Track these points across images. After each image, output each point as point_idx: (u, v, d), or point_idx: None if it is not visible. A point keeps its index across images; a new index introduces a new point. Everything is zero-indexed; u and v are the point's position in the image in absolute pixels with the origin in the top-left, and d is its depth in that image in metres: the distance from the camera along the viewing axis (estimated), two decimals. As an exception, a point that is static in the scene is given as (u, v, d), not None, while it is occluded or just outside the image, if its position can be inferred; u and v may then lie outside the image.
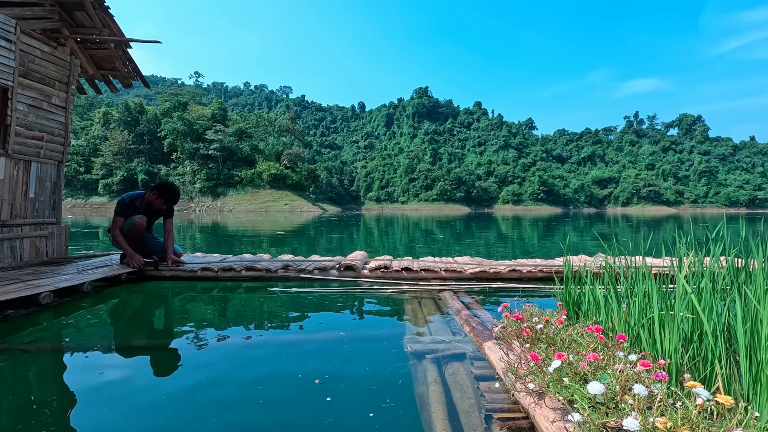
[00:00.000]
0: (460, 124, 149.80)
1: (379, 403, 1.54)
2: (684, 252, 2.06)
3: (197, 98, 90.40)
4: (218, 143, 68.51)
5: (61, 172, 4.71)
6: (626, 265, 2.15)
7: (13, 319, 2.62)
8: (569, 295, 2.19)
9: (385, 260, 4.33)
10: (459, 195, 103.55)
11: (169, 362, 2.00)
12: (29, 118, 4.23)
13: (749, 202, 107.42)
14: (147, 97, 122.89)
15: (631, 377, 1.18)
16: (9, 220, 4.04)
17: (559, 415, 1.20)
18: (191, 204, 64.29)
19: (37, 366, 1.98)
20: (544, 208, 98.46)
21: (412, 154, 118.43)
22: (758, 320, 1.31)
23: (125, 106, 75.11)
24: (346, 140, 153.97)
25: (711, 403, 1.04)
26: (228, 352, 2.14)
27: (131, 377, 1.82)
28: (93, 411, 1.52)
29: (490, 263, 4.21)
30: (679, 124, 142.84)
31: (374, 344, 2.23)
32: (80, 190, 67.59)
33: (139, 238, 4.11)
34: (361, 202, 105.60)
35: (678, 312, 1.40)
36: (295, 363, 1.95)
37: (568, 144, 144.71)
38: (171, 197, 4.12)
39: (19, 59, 4.05)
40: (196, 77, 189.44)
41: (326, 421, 1.41)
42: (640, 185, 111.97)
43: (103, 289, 3.51)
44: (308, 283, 3.85)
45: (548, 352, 1.48)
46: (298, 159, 76.56)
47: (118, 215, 3.99)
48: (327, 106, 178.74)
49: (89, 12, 4.43)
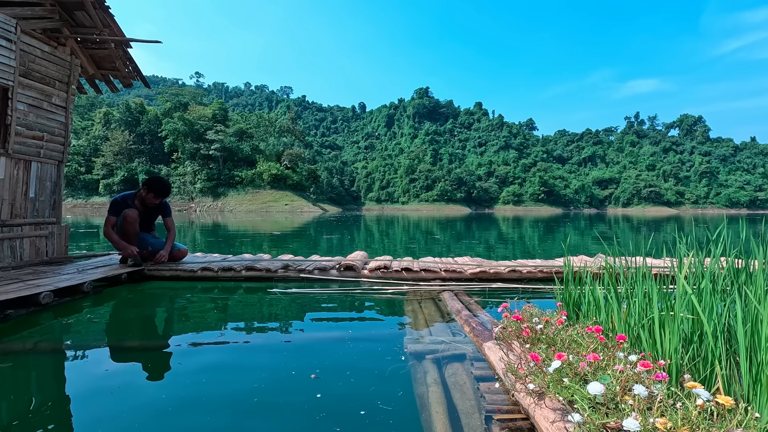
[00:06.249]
0: (460, 124, 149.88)
1: (379, 403, 1.54)
2: (684, 252, 2.05)
3: (198, 98, 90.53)
4: (219, 143, 68.58)
5: (61, 172, 4.72)
6: (626, 265, 2.14)
7: (13, 319, 2.62)
8: (569, 296, 2.18)
9: (385, 260, 4.33)
10: (459, 195, 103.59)
11: (168, 362, 2.00)
12: (29, 117, 4.23)
13: (750, 203, 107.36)
14: (148, 98, 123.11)
15: (631, 378, 1.18)
16: (9, 220, 4.04)
17: (559, 416, 1.20)
18: (192, 204, 64.33)
19: (36, 366, 1.98)
20: (545, 208, 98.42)
21: (412, 155, 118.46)
22: (758, 321, 1.30)
23: (126, 107, 75.20)
24: (346, 141, 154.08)
25: (711, 404, 1.03)
26: (227, 352, 2.14)
27: (131, 377, 1.82)
28: (93, 411, 1.52)
29: (490, 264, 4.21)
30: (680, 124, 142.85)
31: (374, 345, 2.23)
32: (81, 190, 67.68)
33: (134, 233, 4.04)
34: (362, 203, 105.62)
35: (678, 312, 1.39)
36: (294, 362, 1.95)
37: (569, 144, 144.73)
38: (160, 190, 4.10)
39: (20, 59, 4.05)
40: (196, 77, 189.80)
41: (326, 422, 1.41)
42: (641, 186, 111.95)
43: (103, 289, 3.51)
44: (308, 283, 3.85)
45: (548, 353, 1.47)
46: (298, 159, 76.60)
47: (110, 215, 3.99)
48: (327, 106, 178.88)
49: (90, 12, 4.43)
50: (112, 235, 3.96)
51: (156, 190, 4.07)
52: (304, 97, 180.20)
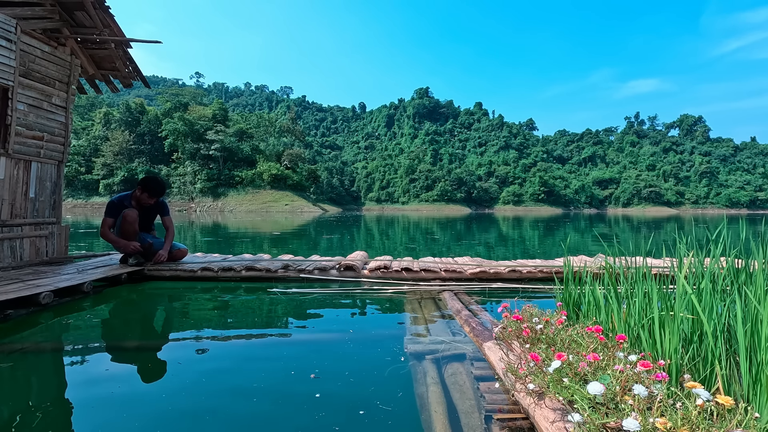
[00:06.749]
0: (460, 124, 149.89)
1: (379, 403, 1.54)
2: (684, 252, 2.05)
3: (198, 98, 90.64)
4: (219, 143, 68.58)
5: (61, 172, 4.72)
6: (626, 265, 2.14)
7: (13, 319, 2.62)
8: (569, 296, 2.18)
9: (385, 260, 4.33)
10: (459, 195, 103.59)
11: (168, 362, 2.00)
12: (29, 117, 4.23)
13: (750, 203, 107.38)
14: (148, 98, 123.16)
15: (631, 378, 1.18)
16: (9, 220, 4.04)
17: (559, 416, 1.20)
18: (192, 204, 64.35)
19: (37, 366, 1.98)
20: (545, 208, 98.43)
21: (412, 155, 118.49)
22: (758, 321, 1.30)
23: (126, 107, 75.22)
24: (346, 141, 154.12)
25: (711, 404, 1.03)
26: (227, 352, 2.14)
27: (131, 377, 1.82)
28: (93, 411, 1.52)
29: (490, 264, 4.21)
30: (680, 124, 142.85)
31: (374, 344, 2.23)
32: (81, 191, 67.69)
33: (134, 232, 4.03)
34: (362, 203, 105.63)
35: (678, 312, 1.39)
36: (294, 362, 1.95)
37: (569, 145, 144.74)
38: (153, 189, 4.08)
39: (20, 59, 4.05)
40: (196, 78, 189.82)
41: (325, 421, 1.41)
42: (641, 186, 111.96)
43: (103, 289, 3.51)
44: (308, 283, 3.85)
45: (548, 353, 1.47)
46: (298, 159, 76.62)
47: (107, 216, 3.99)
48: (328, 106, 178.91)
49: (90, 12, 4.43)
50: (109, 236, 3.96)
51: (150, 189, 4.06)
52: (304, 97, 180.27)
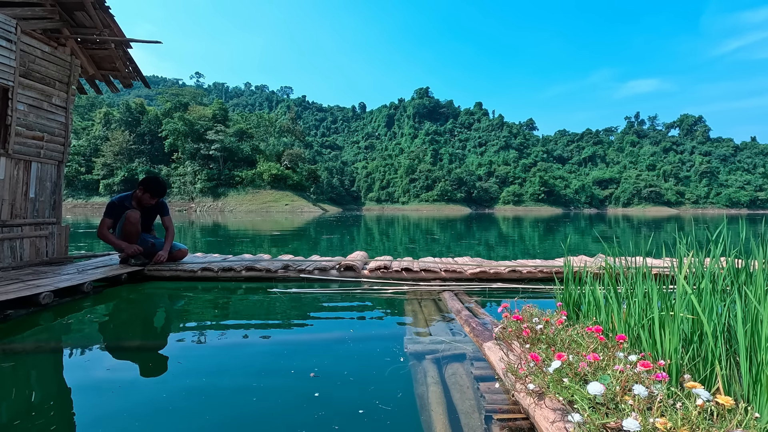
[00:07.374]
0: (460, 124, 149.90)
1: (378, 403, 1.54)
2: (684, 252, 2.05)
3: (198, 99, 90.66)
4: (219, 143, 68.59)
5: (61, 172, 4.72)
6: (626, 265, 2.14)
7: (13, 319, 2.62)
8: (569, 296, 2.18)
9: (385, 260, 4.33)
10: (459, 195, 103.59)
11: (168, 362, 2.00)
12: (30, 118, 4.23)
13: (750, 203, 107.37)
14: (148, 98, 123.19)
15: (631, 378, 1.18)
16: (9, 220, 4.04)
17: (559, 416, 1.20)
18: (192, 204, 64.35)
19: (37, 366, 1.98)
20: (545, 208, 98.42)
21: (412, 155, 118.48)
22: (758, 321, 1.30)
23: (126, 107, 75.24)
24: (346, 141, 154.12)
25: (711, 404, 1.03)
26: (227, 351, 2.14)
27: (131, 377, 1.82)
28: (93, 411, 1.52)
29: (491, 264, 4.21)
30: (680, 124, 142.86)
31: (374, 344, 2.23)
32: (81, 191, 67.70)
33: (136, 233, 4.02)
34: (362, 203, 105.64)
35: (678, 312, 1.39)
36: (294, 362, 1.95)
37: (569, 144, 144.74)
38: (155, 189, 4.08)
39: (20, 59, 4.05)
40: (197, 78, 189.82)
41: (325, 421, 1.41)
42: (641, 186, 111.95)
43: (103, 289, 3.51)
44: (308, 283, 3.85)
45: (548, 353, 1.47)
46: (298, 159, 76.63)
47: (106, 217, 3.99)
48: (328, 106, 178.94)
49: (90, 12, 4.43)
50: (107, 236, 3.96)
51: (152, 189, 4.06)
52: (304, 97, 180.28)
